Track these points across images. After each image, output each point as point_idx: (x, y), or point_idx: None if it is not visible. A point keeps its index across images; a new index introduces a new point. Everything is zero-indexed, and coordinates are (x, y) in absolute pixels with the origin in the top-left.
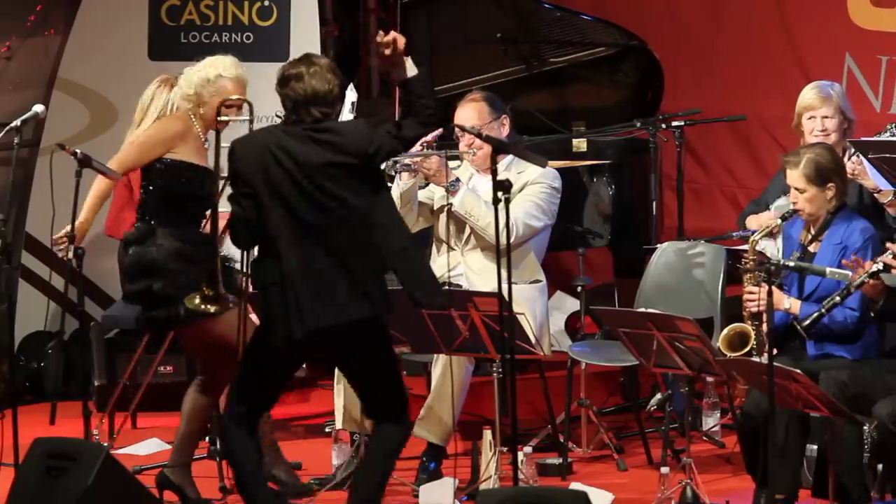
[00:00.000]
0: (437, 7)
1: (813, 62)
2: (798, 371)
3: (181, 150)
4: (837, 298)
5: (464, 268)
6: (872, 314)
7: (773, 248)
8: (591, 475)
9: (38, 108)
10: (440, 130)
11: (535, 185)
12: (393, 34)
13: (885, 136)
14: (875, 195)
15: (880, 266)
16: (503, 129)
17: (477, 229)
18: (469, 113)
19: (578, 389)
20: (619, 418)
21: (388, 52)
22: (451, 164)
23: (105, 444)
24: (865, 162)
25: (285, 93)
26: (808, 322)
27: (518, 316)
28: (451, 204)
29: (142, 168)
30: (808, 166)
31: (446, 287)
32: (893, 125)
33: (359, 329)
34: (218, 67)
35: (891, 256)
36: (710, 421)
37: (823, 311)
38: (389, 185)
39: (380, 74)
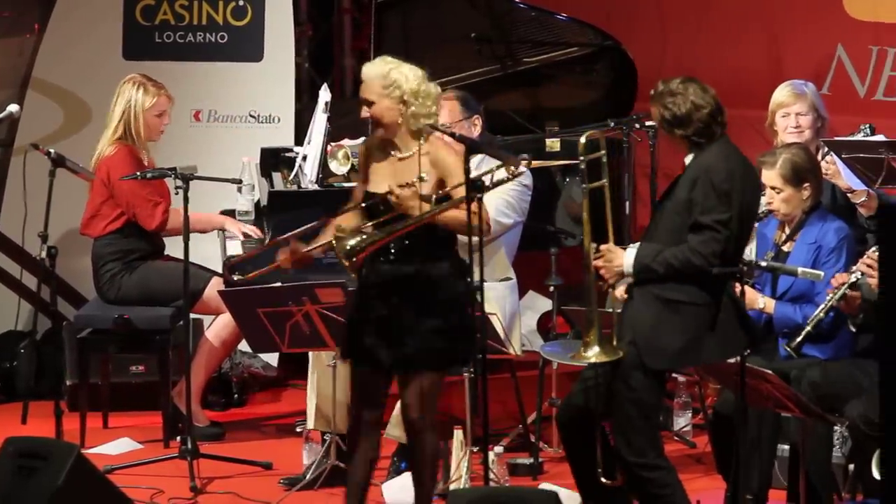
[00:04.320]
0: (411, 7)
1: (803, 55)
2: (769, 371)
3: None
4: (822, 314)
5: None
6: (854, 329)
7: (746, 250)
8: (562, 475)
9: (13, 107)
10: None
11: (506, 183)
12: None
13: (859, 136)
14: (848, 195)
15: (858, 276)
16: (474, 129)
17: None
18: (441, 111)
19: (550, 389)
20: None
21: None
22: None
23: (76, 444)
24: (839, 162)
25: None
26: (796, 343)
27: (490, 316)
28: None
29: None
30: (784, 166)
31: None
32: (867, 125)
33: None
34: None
35: (866, 265)
36: (682, 421)
37: (810, 328)
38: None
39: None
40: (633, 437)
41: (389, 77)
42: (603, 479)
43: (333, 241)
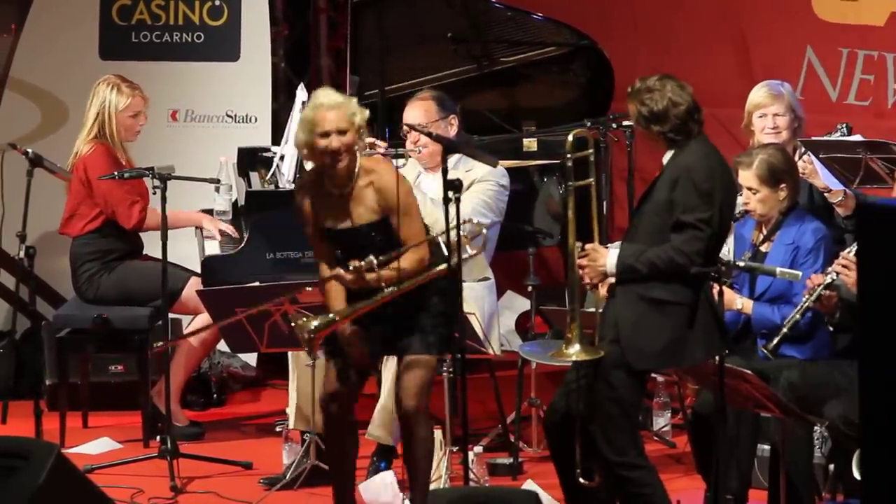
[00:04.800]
0: (387, 6)
1: (773, 56)
2: (748, 371)
3: None
4: (798, 316)
5: None
6: (831, 328)
7: (723, 249)
8: (541, 475)
9: None
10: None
11: (483, 183)
12: None
13: (836, 136)
14: (825, 194)
15: (834, 276)
16: (451, 129)
17: None
18: (417, 112)
19: (529, 389)
20: None
21: None
22: (398, 162)
23: (56, 444)
24: (816, 161)
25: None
26: (773, 345)
27: (469, 315)
28: None
29: None
30: (760, 167)
31: None
32: (844, 124)
33: None
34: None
35: (841, 265)
36: (661, 421)
37: (786, 330)
38: None
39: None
40: (614, 436)
41: (350, 106)
42: (581, 480)
43: (293, 320)
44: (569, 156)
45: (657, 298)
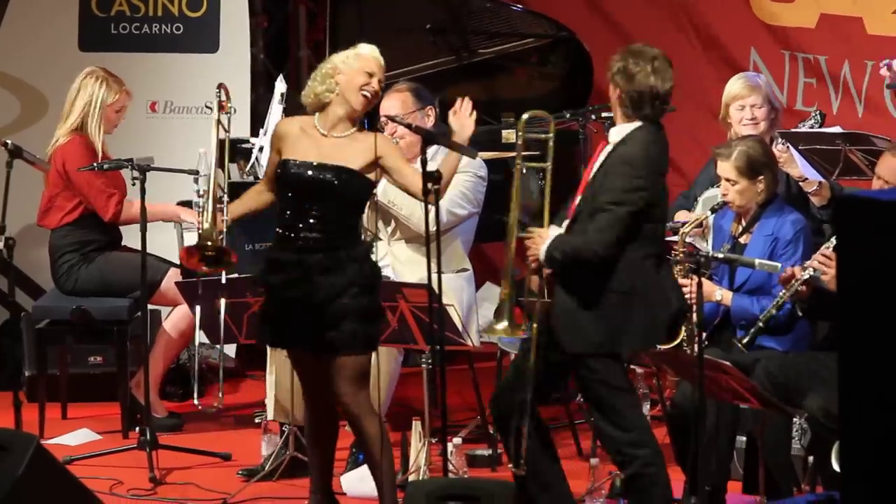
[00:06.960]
0: None
1: (721, 58)
2: (727, 363)
3: None
4: (774, 311)
5: (391, 258)
6: (801, 314)
7: (701, 242)
8: None
9: None
10: None
11: (461, 175)
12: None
13: (810, 123)
14: (800, 183)
15: (811, 272)
16: (428, 120)
17: (401, 218)
18: (393, 103)
19: None
20: (549, 409)
21: None
22: None
23: (35, 435)
24: (794, 152)
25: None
26: (747, 339)
27: (447, 307)
28: (375, 193)
29: None
30: (739, 158)
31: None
32: (817, 112)
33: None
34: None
35: (818, 261)
36: None
37: (761, 324)
38: None
39: None
40: (614, 417)
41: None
42: (510, 467)
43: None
44: (519, 133)
45: (595, 285)
